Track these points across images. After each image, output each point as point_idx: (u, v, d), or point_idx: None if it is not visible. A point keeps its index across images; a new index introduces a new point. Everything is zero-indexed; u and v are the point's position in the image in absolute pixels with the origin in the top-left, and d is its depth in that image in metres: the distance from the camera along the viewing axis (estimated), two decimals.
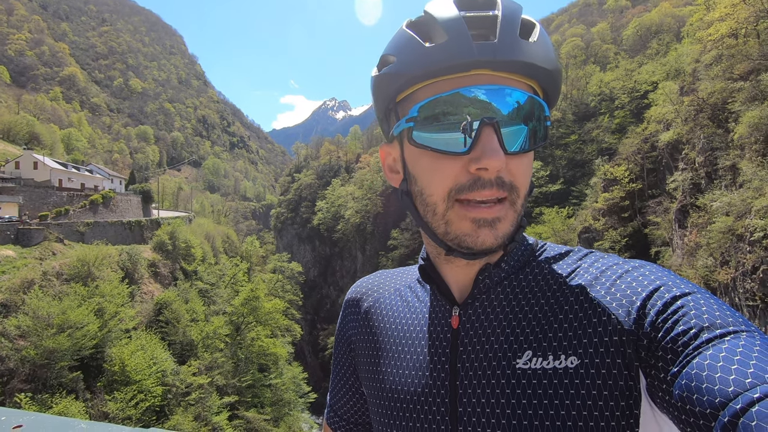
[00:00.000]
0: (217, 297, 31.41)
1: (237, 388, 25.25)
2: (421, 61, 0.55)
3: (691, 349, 0.44)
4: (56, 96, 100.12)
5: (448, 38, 0.54)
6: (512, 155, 0.55)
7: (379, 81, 0.62)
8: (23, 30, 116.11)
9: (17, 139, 54.49)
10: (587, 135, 44.58)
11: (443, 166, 0.56)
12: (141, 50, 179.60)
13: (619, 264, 0.59)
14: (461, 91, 0.54)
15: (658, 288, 0.52)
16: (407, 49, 0.57)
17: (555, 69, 0.57)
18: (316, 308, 64.66)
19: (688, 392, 0.42)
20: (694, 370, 0.42)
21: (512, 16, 0.55)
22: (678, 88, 27.50)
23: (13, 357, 15.42)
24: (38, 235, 22.58)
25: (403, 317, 0.72)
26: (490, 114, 0.53)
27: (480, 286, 0.63)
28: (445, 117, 0.55)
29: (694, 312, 0.47)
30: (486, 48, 0.52)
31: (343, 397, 0.83)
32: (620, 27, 60.87)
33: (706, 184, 20.42)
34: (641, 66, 46.14)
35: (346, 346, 0.80)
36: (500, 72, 0.54)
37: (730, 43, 21.45)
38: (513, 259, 0.64)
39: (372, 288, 0.80)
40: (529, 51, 0.54)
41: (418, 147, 0.58)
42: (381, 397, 0.68)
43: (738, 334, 0.44)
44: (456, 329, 0.63)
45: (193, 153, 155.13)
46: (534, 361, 0.55)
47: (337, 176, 74.41)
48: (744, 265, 15.01)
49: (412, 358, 0.66)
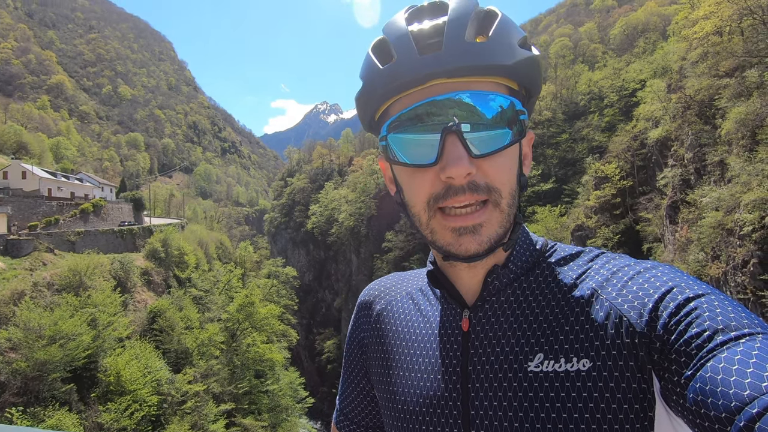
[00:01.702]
0: (211, 304, 31.14)
1: (233, 395, 25.03)
2: (378, 82, 0.58)
3: (705, 351, 0.43)
4: (44, 104, 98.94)
5: (398, 57, 0.56)
6: (483, 157, 0.55)
7: (356, 103, 0.65)
8: (9, 38, 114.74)
9: (5, 148, 53.77)
10: (577, 133, 45.01)
11: (418, 178, 0.58)
12: (129, 57, 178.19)
13: (631, 265, 0.58)
14: (418, 105, 0.55)
15: (671, 290, 0.51)
16: (369, 72, 0.60)
17: (518, 62, 0.56)
18: (312, 312, 64.40)
19: (703, 396, 0.41)
20: (708, 374, 0.41)
21: (460, 20, 0.55)
22: (665, 85, 27.87)
23: (3, 370, 15.15)
24: (28, 245, 22.25)
25: (414, 321, 0.72)
26: (451, 121, 0.54)
27: (489, 288, 0.63)
28: (410, 131, 0.57)
29: (708, 314, 0.46)
30: (432, 60, 0.53)
31: (354, 401, 0.83)
32: (607, 26, 61.58)
33: (696, 180, 20.68)
34: (629, 64, 46.73)
35: (359, 349, 0.80)
36: (459, 78, 0.54)
37: (715, 40, 21.77)
38: (521, 260, 0.64)
39: (384, 291, 0.81)
40: (479, 52, 0.54)
41: (394, 163, 0.61)
42: (393, 400, 0.67)
43: (753, 336, 0.43)
44: (466, 332, 0.63)
45: (184, 159, 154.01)
46: (546, 364, 0.55)
47: (330, 180, 74.31)
48: (734, 259, 15.20)
49: (424, 362, 0.66)
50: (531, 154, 0.66)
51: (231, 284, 35.78)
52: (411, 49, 0.55)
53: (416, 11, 0.60)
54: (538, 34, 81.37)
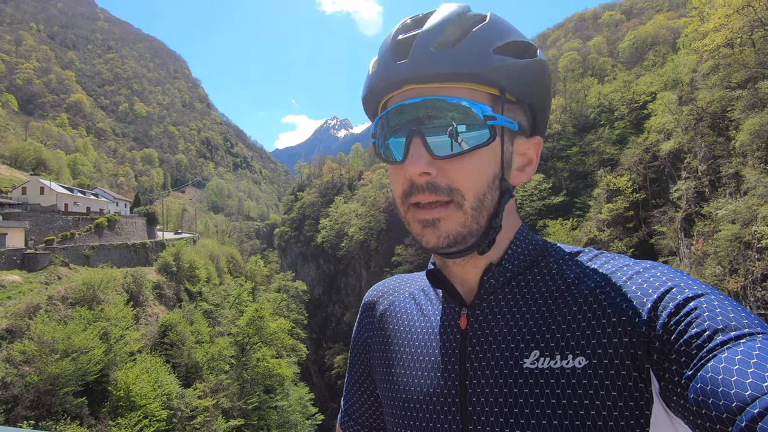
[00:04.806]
0: (221, 318, 31.20)
1: (243, 411, 24.84)
2: (368, 85, 0.65)
3: (705, 351, 0.44)
4: (63, 122, 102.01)
5: (379, 64, 0.63)
6: (446, 159, 0.58)
7: (362, 105, 0.71)
8: (31, 59, 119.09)
9: (24, 165, 55.35)
10: (588, 146, 44.74)
11: (394, 175, 0.63)
12: (145, 75, 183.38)
13: (630, 265, 0.59)
14: (392, 108, 0.60)
15: (670, 289, 0.51)
16: (366, 77, 0.67)
17: (490, 68, 0.57)
18: (322, 327, 64.03)
19: (704, 396, 0.41)
20: (709, 374, 0.42)
21: (435, 28, 0.58)
22: (676, 97, 27.70)
23: (17, 383, 15.27)
24: (44, 259, 22.67)
25: (416, 320, 0.74)
26: (416, 124, 0.58)
27: (486, 286, 0.64)
28: (386, 131, 0.63)
29: (708, 314, 0.46)
30: (404, 67, 0.58)
31: (358, 401, 0.84)
32: (616, 40, 61.65)
33: (710, 192, 20.35)
34: (639, 77, 46.58)
35: (363, 349, 0.82)
36: (430, 84, 0.58)
37: (726, 52, 21.68)
38: (519, 258, 0.65)
39: (387, 291, 0.83)
40: (444, 60, 0.57)
41: (379, 160, 0.67)
42: (395, 398, 0.69)
43: (754, 336, 0.43)
44: (464, 330, 0.64)
45: (197, 174, 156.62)
46: (541, 361, 0.55)
47: (340, 194, 74.62)
48: (753, 273, 14.82)
49: (425, 359, 0.67)
50: (537, 160, 0.67)
51: (241, 298, 35.85)
52: (389, 57, 0.61)
53: (406, 24, 0.64)
54: (547, 48, 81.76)
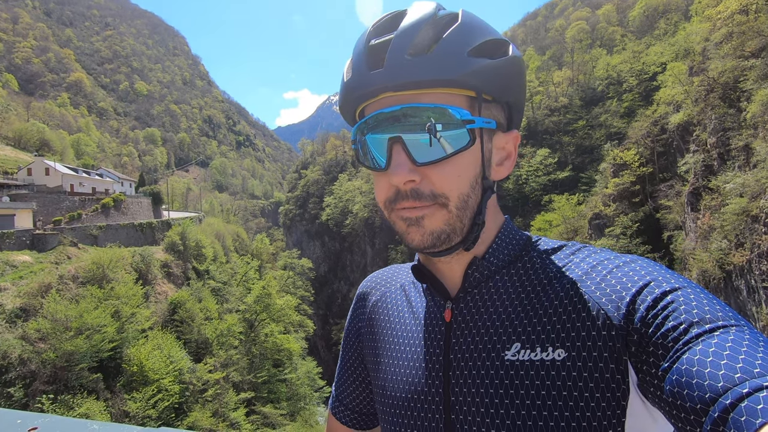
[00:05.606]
0: (229, 295, 31.76)
1: (253, 384, 25.61)
2: (343, 93, 0.64)
3: (680, 344, 0.45)
4: (64, 102, 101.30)
5: (354, 72, 0.61)
6: (428, 165, 0.57)
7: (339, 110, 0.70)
8: (29, 38, 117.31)
9: (28, 146, 55.32)
10: (595, 120, 43.97)
11: (378, 181, 0.63)
12: (145, 53, 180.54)
13: (611, 259, 0.60)
14: (370, 116, 0.60)
15: (648, 283, 0.52)
16: (341, 84, 0.65)
17: (467, 73, 0.57)
18: (328, 303, 65.09)
19: (679, 388, 0.43)
20: (684, 366, 0.43)
21: (407, 33, 0.58)
22: (687, 68, 26.94)
23: (34, 359, 15.77)
24: (53, 239, 22.98)
25: (404, 312, 0.75)
26: (396, 132, 0.57)
27: (470, 280, 0.65)
28: (365, 139, 0.61)
29: (684, 307, 0.47)
30: (378, 76, 0.57)
31: (348, 387, 0.86)
32: (626, 8, 59.71)
33: (719, 166, 20.04)
34: (649, 47, 45.27)
35: (355, 338, 0.83)
36: (406, 91, 0.58)
37: (740, 19, 20.89)
38: (503, 252, 0.66)
39: (380, 283, 0.84)
40: (419, 67, 0.56)
41: (362, 167, 0.67)
42: (384, 387, 0.71)
43: (727, 328, 0.44)
44: (449, 323, 0.66)
45: (200, 153, 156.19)
46: (522, 353, 0.57)
47: (344, 171, 74.46)
48: (759, 247, 14.75)
49: (411, 351, 0.69)
50: (515, 153, 0.67)
51: (248, 276, 36.37)
52: (363, 66, 0.60)
53: (377, 26, 0.62)
54: (554, 18, 79.39)
